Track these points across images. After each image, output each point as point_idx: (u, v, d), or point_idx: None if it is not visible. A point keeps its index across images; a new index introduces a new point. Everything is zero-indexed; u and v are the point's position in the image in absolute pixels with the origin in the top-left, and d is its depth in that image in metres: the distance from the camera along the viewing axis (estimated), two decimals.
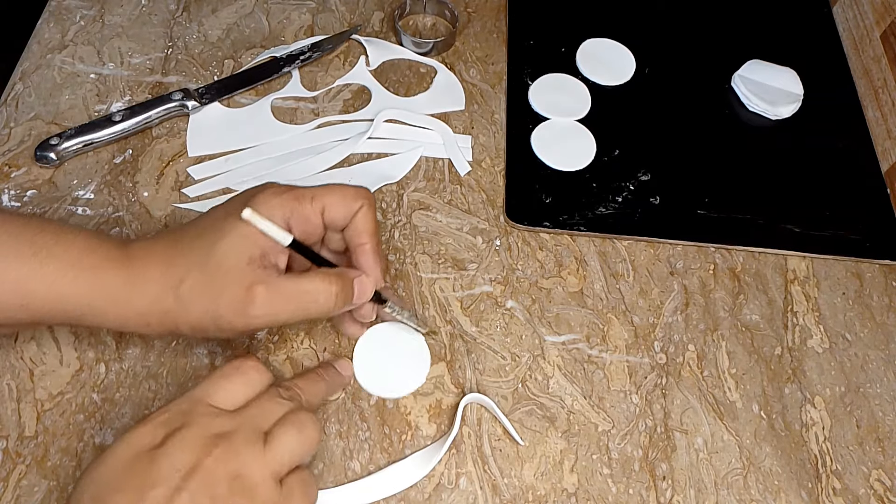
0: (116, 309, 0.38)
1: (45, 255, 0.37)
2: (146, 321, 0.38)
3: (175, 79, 0.57)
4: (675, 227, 0.54)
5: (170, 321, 0.38)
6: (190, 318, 0.38)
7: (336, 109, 0.57)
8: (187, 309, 0.38)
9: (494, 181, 0.55)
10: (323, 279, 0.39)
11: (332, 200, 0.41)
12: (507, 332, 0.49)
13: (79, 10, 0.60)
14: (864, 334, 0.51)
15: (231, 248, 0.38)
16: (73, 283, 0.37)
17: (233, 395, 0.37)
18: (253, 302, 0.37)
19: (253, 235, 0.38)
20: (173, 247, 0.39)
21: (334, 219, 0.41)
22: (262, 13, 0.62)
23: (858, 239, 0.55)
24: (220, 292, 0.37)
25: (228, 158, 0.54)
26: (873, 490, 0.45)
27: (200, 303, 0.38)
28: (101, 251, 0.38)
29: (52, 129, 0.53)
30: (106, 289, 0.38)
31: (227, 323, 0.38)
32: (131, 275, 0.38)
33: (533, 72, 0.61)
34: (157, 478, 0.33)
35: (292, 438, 0.36)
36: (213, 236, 0.38)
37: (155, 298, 0.38)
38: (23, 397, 0.43)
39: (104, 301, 0.38)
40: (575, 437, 0.45)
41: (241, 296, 0.37)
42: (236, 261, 0.37)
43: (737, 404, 0.48)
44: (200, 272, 0.38)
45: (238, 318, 0.38)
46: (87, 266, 0.38)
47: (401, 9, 0.62)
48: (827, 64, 0.65)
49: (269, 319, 0.38)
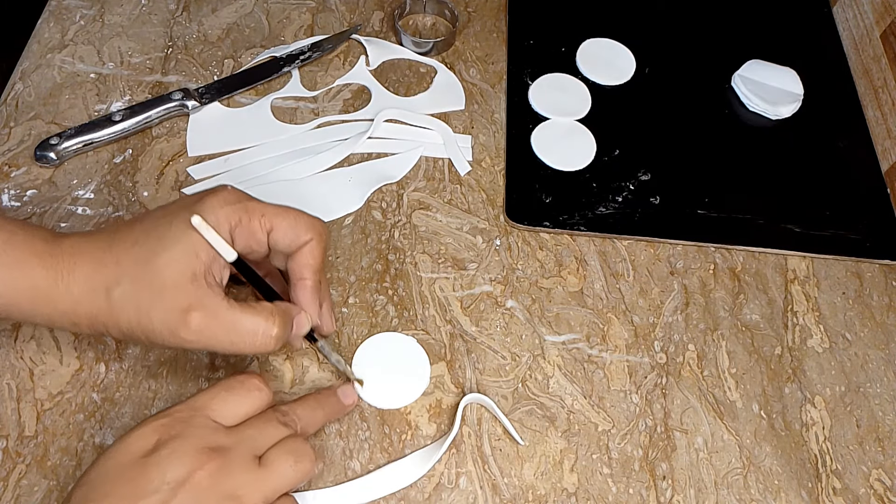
0: (40, 307, 0.36)
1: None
2: (72, 321, 0.37)
3: (175, 78, 0.57)
4: (675, 226, 0.54)
5: (99, 324, 0.37)
6: (120, 325, 0.37)
7: (336, 109, 0.57)
8: (117, 316, 0.36)
9: (494, 181, 0.55)
10: (266, 318, 0.38)
11: (281, 224, 0.39)
12: (507, 331, 0.49)
13: (79, 9, 0.60)
14: (864, 334, 0.51)
15: (173, 262, 0.36)
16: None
17: (233, 410, 0.37)
18: (187, 326, 0.36)
19: (198, 248, 0.36)
20: (107, 248, 0.37)
21: (279, 243, 0.39)
22: (261, 13, 0.62)
23: (858, 239, 0.55)
24: (155, 307, 0.36)
25: (228, 158, 0.54)
26: (873, 490, 0.45)
27: (132, 313, 0.36)
28: (25, 245, 0.36)
29: (51, 129, 0.53)
30: (28, 286, 0.36)
31: (159, 337, 0.36)
32: (56, 273, 0.36)
33: (533, 71, 0.61)
34: (147, 488, 0.33)
35: (289, 467, 0.36)
36: (154, 244, 0.36)
37: (80, 299, 0.36)
38: (23, 397, 0.43)
39: (27, 299, 0.36)
40: (575, 436, 0.45)
41: (175, 316, 0.36)
42: (177, 277, 0.36)
43: (737, 404, 0.48)
44: (135, 282, 0.36)
45: (170, 336, 0.36)
46: (6, 262, 0.36)
47: (401, 8, 0.62)
48: (827, 64, 0.65)
49: (201, 346, 0.37)
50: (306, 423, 0.40)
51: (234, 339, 0.37)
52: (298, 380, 0.46)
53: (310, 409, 0.41)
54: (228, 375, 0.40)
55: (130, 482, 0.33)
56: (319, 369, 0.46)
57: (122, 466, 0.33)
